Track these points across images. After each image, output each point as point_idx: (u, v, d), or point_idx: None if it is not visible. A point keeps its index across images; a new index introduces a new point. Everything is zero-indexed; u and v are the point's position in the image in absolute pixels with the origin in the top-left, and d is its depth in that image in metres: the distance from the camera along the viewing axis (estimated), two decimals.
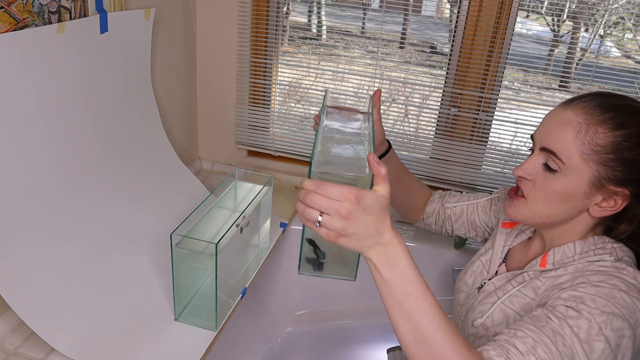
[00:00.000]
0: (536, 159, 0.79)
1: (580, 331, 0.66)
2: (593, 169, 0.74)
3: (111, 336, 0.91)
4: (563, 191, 0.76)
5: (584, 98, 0.77)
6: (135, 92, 1.19)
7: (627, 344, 0.67)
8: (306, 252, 0.71)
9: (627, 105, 0.75)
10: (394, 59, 1.55)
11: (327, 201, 0.60)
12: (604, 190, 0.75)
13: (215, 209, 1.02)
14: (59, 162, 0.95)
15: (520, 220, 0.83)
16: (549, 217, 0.80)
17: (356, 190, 0.60)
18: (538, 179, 0.79)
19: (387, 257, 0.62)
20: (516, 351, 0.65)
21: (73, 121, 0.98)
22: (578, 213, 0.78)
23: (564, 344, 0.65)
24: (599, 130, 0.73)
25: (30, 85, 0.87)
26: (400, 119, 1.56)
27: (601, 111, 0.74)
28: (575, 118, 0.74)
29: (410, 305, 0.62)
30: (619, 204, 0.75)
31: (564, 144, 0.75)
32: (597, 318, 0.67)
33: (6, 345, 0.88)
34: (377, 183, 0.63)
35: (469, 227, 1.09)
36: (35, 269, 0.89)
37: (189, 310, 0.96)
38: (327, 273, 0.73)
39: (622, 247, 0.78)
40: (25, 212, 0.88)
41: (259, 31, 1.50)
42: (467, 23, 1.34)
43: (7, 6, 0.83)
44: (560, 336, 0.66)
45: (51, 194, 0.93)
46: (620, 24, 1.38)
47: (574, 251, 0.79)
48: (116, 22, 1.06)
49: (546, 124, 0.79)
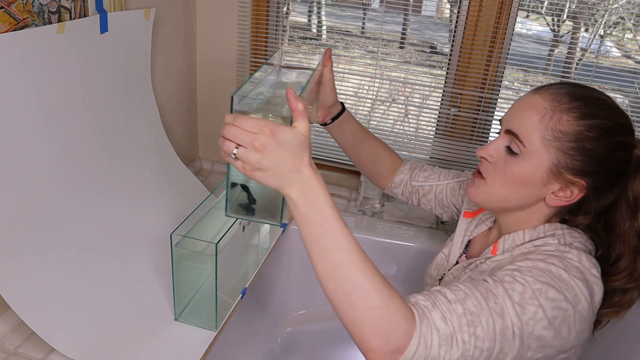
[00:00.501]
0: (500, 141, 0.79)
1: (514, 293, 0.66)
2: (553, 156, 0.73)
3: (111, 336, 0.91)
4: (521, 175, 0.76)
5: (555, 85, 0.76)
6: (135, 92, 1.19)
7: (568, 319, 0.67)
8: (240, 198, 0.72)
9: (596, 98, 0.75)
10: (394, 59, 1.55)
11: (242, 133, 0.60)
12: (562, 179, 0.74)
13: (215, 209, 1.02)
14: (59, 162, 0.95)
15: (478, 202, 0.83)
16: (505, 201, 0.79)
17: (272, 124, 0.60)
18: (499, 161, 0.78)
19: (305, 194, 0.62)
20: (444, 299, 0.65)
21: (73, 121, 0.98)
22: (535, 201, 0.78)
23: (496, 302, 0.65)
24: (563, 118, 0.73)
25: (30, 85, 0.87)
26: (400, 119, 1.56)
27: (569, 99, 0.74)
28: (542, 103, 0.74)
29: (328, 242, 0.62)
30: (575, 194, 0.75)
31: (528, 128, 0.74)
32: (532, 285, 0.67)
33: (6, 345, 0.88)
34: (295, 119, 0.62)
35: (436, 205, 1.08)
36: (35, 269, 0.89)
37: (189, 310, 0.96)
38: (255, 217, 0.74)
39: (572, 233, 0.77)
40: (24, 212, 0.88)
41: (259, 31, 1.50)
42: (467, 23, 1.34)
43: (7, 6, 0.83)
44: (492, 294, 0.66)
45: (51, 194, 0.93)
46: (620, 24, 1.38)
47: (523, 238, 0.79)
48: (116, 22, 1.06)
49: (514, 107, 0.79)
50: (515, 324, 0.65)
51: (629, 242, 0.78)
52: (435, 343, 0.62)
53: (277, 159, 0.60)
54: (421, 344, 0.61)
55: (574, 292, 0.68)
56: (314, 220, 0.62)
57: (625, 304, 0.80)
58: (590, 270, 0.72)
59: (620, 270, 0.78)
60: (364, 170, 1.12)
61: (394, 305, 0.61)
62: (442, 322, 0.63)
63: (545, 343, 0.67)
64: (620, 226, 0.78)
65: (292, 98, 0.62)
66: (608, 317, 0.81)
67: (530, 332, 0.66)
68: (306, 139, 0.62)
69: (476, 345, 0.63)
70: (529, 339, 0.66)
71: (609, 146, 0.73)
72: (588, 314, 0.69)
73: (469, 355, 0.63)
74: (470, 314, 0.64)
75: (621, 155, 0.75)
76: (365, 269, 0.62)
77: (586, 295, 0.68)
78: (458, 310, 0.64)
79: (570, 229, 0.78)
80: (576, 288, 0.68)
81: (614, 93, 1.46)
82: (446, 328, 0.63)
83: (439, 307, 0.64)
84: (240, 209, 0.73)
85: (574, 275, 0.69)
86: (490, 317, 0.64)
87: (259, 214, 0.74)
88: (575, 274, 0.69)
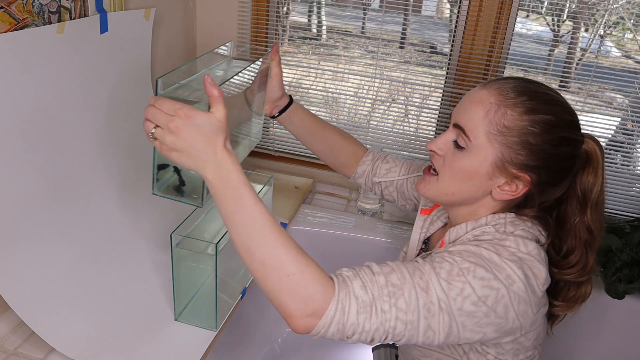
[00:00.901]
0: (449, 135, 0.79)
1: (441, 270, 0.68)
2: (497, 150, 0.74)
3: (111, 336, 0.91)
4: (468, 169, 0.76)
5: (502, 80, 0.77)
6: (135, 92, 1.19)
7: (502, 299, 0.68)
8: (172, 179, 0.78)
9: (542, 93, 0.75)
10: (394, 59, 1.55)
11: (160, 114, 0.65)
12: (506, 173, 0.75)
13: (215, 209, 1.02)
14: (59, 162, 0.95)
15: (427, 196, 0.83)
16: (453, 195, 0.80)
17: (188, 108, 0.64)
18: (447, 155, 0.79)
19: (219, 174, 0.65)
20: (369, 270, 0.67)
21: (73, 121, 0.98)
22: (481, 194, 0.79)
23: (421, 278, 0.67)
24: (508, 112, 0.73)
25: (30, 85, 0.87)
26: (400, 119, 1.56)
27: (515, 94, 0.74)
28: (488, 98, 0.75)
29: (242, 216, 0.65)
30: (519, 188, 0.76)
31: (473, 122, 0.75)
32: (459, 264, 0.69)
33: (6, 345, 0.88)
34: (212, 104, 0.66)
35: (399, 196, 1.09)
36: (35, 269, 0.89)
37: (189, 310, 0.96)
38: (183, 199, 0.78)
39: (515, 221, 0.78)
40: (25, 212, 0.88)
41: (259, 31, 1.50)
42: (467, 23, 1.34)
43: (7, 6, 0.83)
44: (419, 271, 0.68)
45: (51, 194, 0.93)
46: (620, 24, 1.38)
47: (466, 229, 0.80)
48: (116, 22, 1.06)
49: (463, 101, 0.79)
50: (442, 298, 0.66)
51: (579, 237, 0.79)
52: (353, 309, 0.64)
53: (190, 141, 0.64)
54: (339, 310, 0.64)
55: (506, 273, 0.69)
56: (229, 198, 0.66)
57: (579, 298, 0.82)
58: (530, 254, 0.73)
59: (572, 264, 0.79)
60: (324, 159, 1.12)
61: (309, 272, 0.64)
62: (361, 291, 0.65)
63: (479, 320, 0.68)
64: (570, 220, 0.79)
65: (209, 85, 0.65)
66: (563, 311, 0.83)
67: (459, 307, 0.67)
68: (220, 123, 0.65)
69: (397, 316, 0.65)
70: (460, 316, 0.67)
71: (553, 141, 0.74)
72: (526, 295, 0.70)
73: (390, 326, 0.65)
74: (393, 285, 0.66)
75: (566, 150, 0.75)
76: (278, 239, 0.65)
77: (520, 276, 0.69)
78: (380, 281, 0.66)
79: (516, 218, 0.78)
80: (508, 269, 0.69)
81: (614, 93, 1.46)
82: (365, 296, 0.65)
83: (360, 277, 0.66)
84: (171, 189, 0.78)
85: (506, 258, 0.70)
86: (414, 290, 0.66)
87: (187, 196, 0.78)
88: (507, 257, 0.71)
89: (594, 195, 0.78)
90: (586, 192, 0.78)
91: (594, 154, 0.78)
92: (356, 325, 0.64)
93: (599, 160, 0.78)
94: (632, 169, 1.42)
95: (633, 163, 1.42)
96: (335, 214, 1.44)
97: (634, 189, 1.40)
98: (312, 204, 1.49)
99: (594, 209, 0.79)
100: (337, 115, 1.65)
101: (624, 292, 1.24)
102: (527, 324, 0.72)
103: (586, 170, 0.78)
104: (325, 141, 1.09)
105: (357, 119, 1.60)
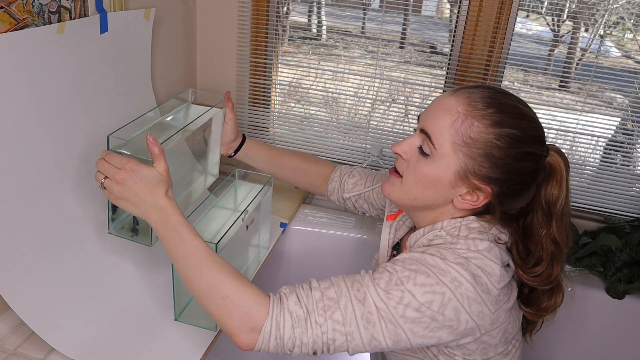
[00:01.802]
0: (414, 139, 0.80)
1: (380, 281, 0.70)
2: (461, 160, 0.74)
3: (111, 336, 0.91)
4: (431, 176, 0.77)
5: (472, 89, 0.77)
6: (135, 92, 1.19)
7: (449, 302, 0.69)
8: (128, 219, 0.88)
9: (511, 105, 0.75)
10: (394, 59, 1.55)
11: (108, 167, 0.76)
12: (468, 184, 0.75)
13: (215, 209, 1.02)
14: (59, 163, 0.95)
15: (390, 198, 0.84)
16: (416, 200, 0.80)
17: (133, 163, 0.75)
18: (412, 160, 0.79)
19: (161, 218, 0.76)
20: (307, 286, 0.72)
21: (73, 121, 0.98)
22: (443, 202, 0.79)
23: (359, 290, 0.70)
24: (475, 124, 0.73)
25: (30, 85, 0.87)
26: (400, 119, 1.56)
27: (483, 105, 0.74)
28: (456, 107, 0.75)
29: (181, 251, 0.74)
30: (480, 199, 0.76)
31: (440, 130, 0.75)
32: (399, 273, 0.71)
33: (6, 345, 0.88)
34: (154, 160, 0.77)
35: (369, 207, 1.11)
36: (35, 269, 0.89)
37: (189, 310, 0.96)
38: (135, 238, 0.89)
39: (471, 224, 0.78)
40: (24, 212, 0.88)
41: (259, 31, 1.50)
42: (467, 23, 1.34)
43: (7, 6, 0.83)
44: (358, 283, 0.71)
45: (51, 195, 0.93)
46: (620, 24, 1.38)
47: (423, 233, 0.81)
48: (116, 22, 1.06)
49: (431, 106, 0.79)
50: (381, 307, 0.69)
51: (546, 249, 0.79)
52: (288, 324, 0.68)
53: (135, 190, 0.75)
54: (274, 325, 0.68)
55: (452, 276, 0.70)
56: (169, 237, 0.75)
57: (550, 308, 0.83)
58: (480, 252, 0.74)
59: (537, 274, 0.79)
60: (294, 183, 1.20)
61: (243, 293, 0.71)
62: (296, 306, 0.69)
63: (427, 325, 0.69)
64: (537, 232, 0.79)
65: (150, 143, 0.76)
66: (534, 318, 0.84)
67: (402, 314, 0.68)
68: (161, 176, 0.77)
69: (335, 328, 0.68)
70: (406, 323, 0.68)
71: (516, 156, 0.73)
72: (477, 295, 0.71)
73: (329, 338, 0.68)
74: (329, 299, 0.69)
75: (529, 165, 0.75)
76: (213, 268, 0.72)
77: (467, 277, 0.70)
78: (316, 296, 0.70)
79: (473, 220, 0.79)
80: (454, 272, 0.70)
81: (614, 93, 1.46)
82: (300, 311, 0.69)
83: (296, 293, 0.71)
84: (126, 230, 0.89)
85: (451, 261, 0.72)
86: (350, 302, 0.69)
87: (140, 234, 0.88)
88: (452, 260, 0.72)
89: (558, 207, 0.78)
90: (550, 205, 0.78)
91: (558, 167, 0.78)
92: (294, 339, 0.68)
93: (562, 173, 0.78)
94: (632, 169, 1.42)
95: (633, 163, 1.42)
96: (335, 214, 1.44)
97: (634, 189, 1.40)
98: (312, 204, 1.49)
99: (559, 221, 0.79)
100: (337, 115, 1.65)
101: (624, 292, 1.24)
102: (486, 323, 0.73)
103: (550, 183, 0.78)
104: (288, 168, 1.15)
105: (357, 119, 1.60)
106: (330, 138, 1.59)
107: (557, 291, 0.82)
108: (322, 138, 1.59)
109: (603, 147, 1.43)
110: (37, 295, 0.88)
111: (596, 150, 1.43)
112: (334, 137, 1.59)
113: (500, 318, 0.75)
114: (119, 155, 0.76)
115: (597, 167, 1.43)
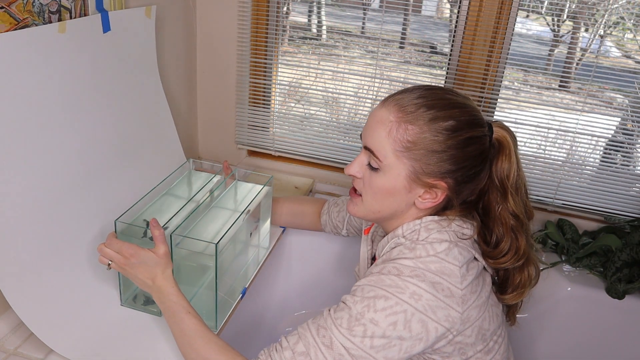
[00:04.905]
0: (362, 158, 0.82)
1: (342, 321, 0.73)
2: (407, 165, 0.76)
3: (111, 336, 0.91)
4: (385, 188, 0.79)
5: (399, 95, 0.78)
6: (144, 89, 1.18)
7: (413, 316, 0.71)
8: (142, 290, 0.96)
9: (439, 99, 0.76)
10: (394, 59, 1.55)
11: (109, 252, 0.86)
12: (422, 184, 0.77)
13: (215, 209, 1.02)
14: (63, 164, 0.95)
15: (358, 216, 0.86)
16: (380, 212, 0.82)
17: (132, 248, 0.84)
18: (365, 177, 0.81)
19: (159, 297, 0.85)
20: (279, 347, 0.75)
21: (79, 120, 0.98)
22: (406, 207, 0.81)
23: (324, 336, 0.72)
24: (409, 128, 0.75)
25: (33, 85, 0.87)
26: None
27: (413, 108, 0.75)
28: (387, 117, 0.76)
29: (178, 327, 0.82)
30: (438, 195, 0.78)
31: (380, 143, 0.77)
32: (357, 306, 0.73)
33: (6, 345, 0.88)
34: (155, 243, 0.85)
35: (355, 230, 1.14)
36: (36, 270, 0.89)
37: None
38: (147, 307, 0.97)
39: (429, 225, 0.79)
40: (27, 212, 0.88)
41: (259, 31, 1.50)
42: (467, 23, 1.34)
43: (7, 6, 0.83)
44: (322, 329, 0.73)
45: (53, 195, 0.93)
46: (620, 24, 1.38)
47: (387, 241, 0.83)
48: (118, 21, 1.06)
49: (368, 122, 0.81)
50: (349, 347, 0.71)
51: (506, 224, 0.80)
52: None
53: (134, 273, 0.86)
54: None
55: (410, 290, 0.72)
56: (167, 314, 0.84)
57: (527, 282, 0.83)
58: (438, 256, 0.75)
59: (505, 252, 0.80)
60: (295, 227, 1.27)
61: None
62: None
63: (399, 346, 0.71)
64: (494, 209, 0.81)
65: (152, 227, 0.85)
66: (516, 299, 0.84)
67: (371, 346, 0.71)
68: (160, 259, 0.84)
69: None
70: (377, 352, 0.71)
71: (458, 145, 0.75)
72: (440, 302, 0.72)
73: None
74: (300, 354, 0.72)
75: (474, 149, 0.77)
76: (205, 344, 0.79)
77: (426, 288, 0.72)
78: (287, 356, 0.73)
79: (432, 221, 0.80)
80: (412, 287, 0.72)
81: (614, 93, 1.46)
82: None
83: (272, 358, 0.74)
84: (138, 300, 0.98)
85: (407, 275, 0.73)
86: (319, 351, 0.72)
87: (152, 306, 0.97)
88: (408, 274, 0.73)
89: (511, 181, 0.80)
90: (503, 179, 0.80)
91: (505, 141, 0.80)
92: None
93: (510, 146, 0.80)
94: (632, 169, 1.42)
95: (633, 163, 1.42)
96: None
97: (634, 189, 1.40)
98: None
99: (515, 195, 0.80)
100: (337, 115, 1.65)
101: (624, 292, 1.24)
102: (456, 324, 0.74)
103: (499, 157, 0.80)
104: (287, 213, 1.22)
105: (357, 119, 1.60)
106: (330, 138, 1.59)
107: (527, 264, 0.83)
108: (322, 138, 1.59)
109: (603, 147, 1.43)
110: (37, 296, 0.88)
111: (596, 150, 1.43)
112: (334, 137, 1.59)
113: (471, 316, 0.76)
114: (118, 241, 0.86)
115: (597, 167, 1.43)
